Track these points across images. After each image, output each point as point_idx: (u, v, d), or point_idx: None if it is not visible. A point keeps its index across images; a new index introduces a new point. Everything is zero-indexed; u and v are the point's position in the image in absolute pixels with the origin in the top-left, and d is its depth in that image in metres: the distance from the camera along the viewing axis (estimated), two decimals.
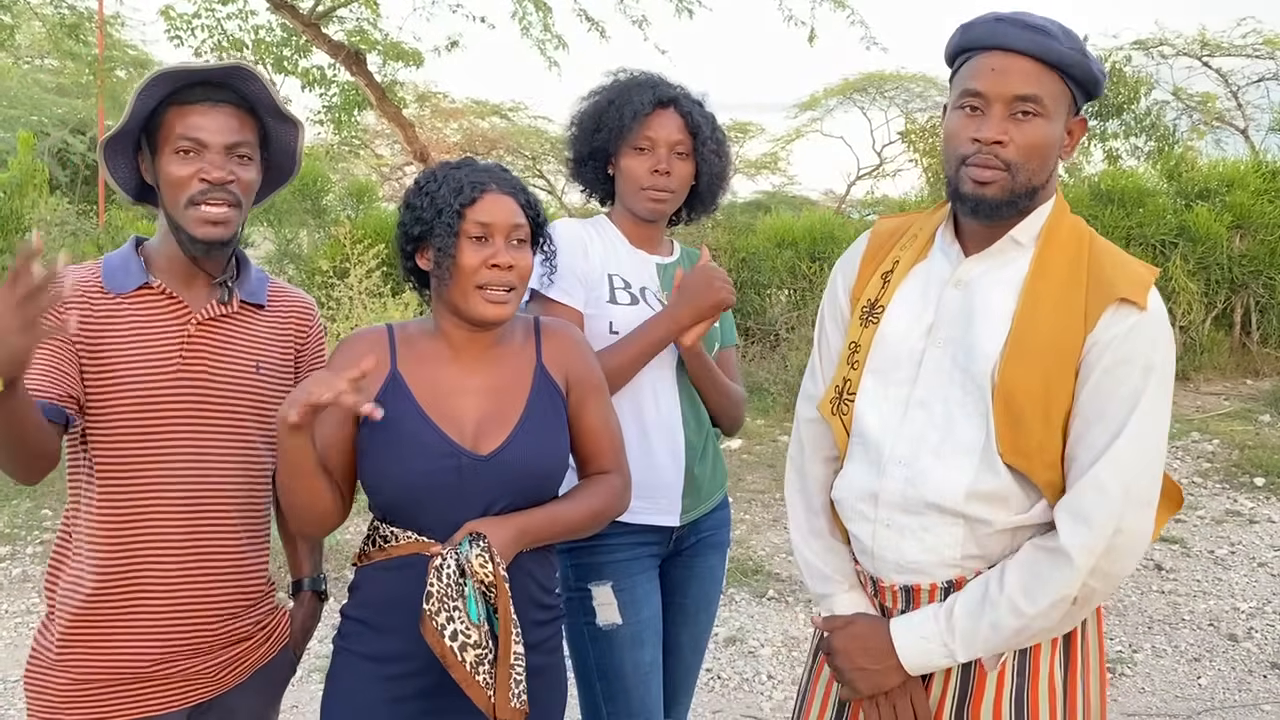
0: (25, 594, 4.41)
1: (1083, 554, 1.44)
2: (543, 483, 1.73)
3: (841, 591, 1.71)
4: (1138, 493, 1.45)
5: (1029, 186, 1.51)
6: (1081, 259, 1.52)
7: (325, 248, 8.46)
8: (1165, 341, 1.49)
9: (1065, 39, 1.49)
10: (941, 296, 1.59)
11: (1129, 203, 9.01)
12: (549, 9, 8.13)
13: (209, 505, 1.68)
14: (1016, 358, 1.49)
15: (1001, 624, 1.48)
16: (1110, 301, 1.47)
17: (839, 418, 1.67)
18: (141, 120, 1.66)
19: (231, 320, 1.73)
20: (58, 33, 9.73)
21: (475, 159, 1.77)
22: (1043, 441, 1.48)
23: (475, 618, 1.56)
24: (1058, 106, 1.50)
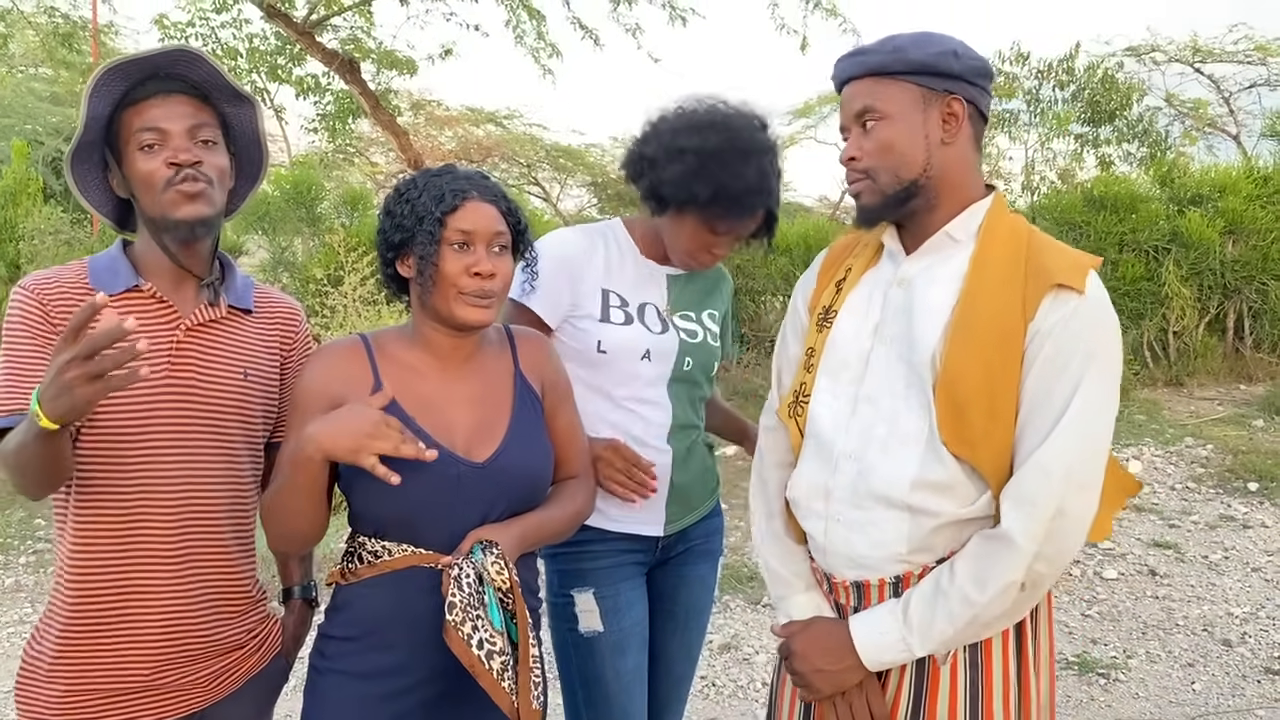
0: (18, 604, 4.39)
1: (1025, 538, 1.47)
2: (536, 487, 1.75)
3: (797, 593, 1.76)
4: (1079, 476, 1.48)
5: (899, 183, 1.59)
6: (1020, 252, 1.56)
7: (320, 256, 8.45)
8: (1107, 326, 1.52)
9: (885, 49, 1.58)
10: (886, 296, 1.65)
11: (1121, 209, 9.03)
12: (543, 17, 8.14)
13: (196, 512, 1.66)
14: (957, 347, 1.53)
15: (955, 614, 1.52)
16: (1048, 288, 1.50)
17: (794, 420, 1.73)
18: (101, 129, 1.65)
19: (220, 325, 1.72)
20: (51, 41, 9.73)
21: (456, 166, 1.76)
22: (988, 431, 1.51)
23: (498, 624, 1.57)
24: (903, 106, 1.57)
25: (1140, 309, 8.73)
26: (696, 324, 2.17)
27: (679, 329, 2.13)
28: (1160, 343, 8.87)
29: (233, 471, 1.72)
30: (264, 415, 1.78)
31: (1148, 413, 7.59)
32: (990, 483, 1.53)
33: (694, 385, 2.18)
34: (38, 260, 8.59)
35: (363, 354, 1.71)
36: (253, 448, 1.77)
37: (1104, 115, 11.38)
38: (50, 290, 1.61)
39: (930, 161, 1.58)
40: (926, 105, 1.57)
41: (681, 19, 7.57)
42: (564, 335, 2.09)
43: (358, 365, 1.69)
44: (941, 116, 1.58)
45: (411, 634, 1.64)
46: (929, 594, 1.55)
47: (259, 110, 1.78)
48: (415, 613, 1.63)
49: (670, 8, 7.54)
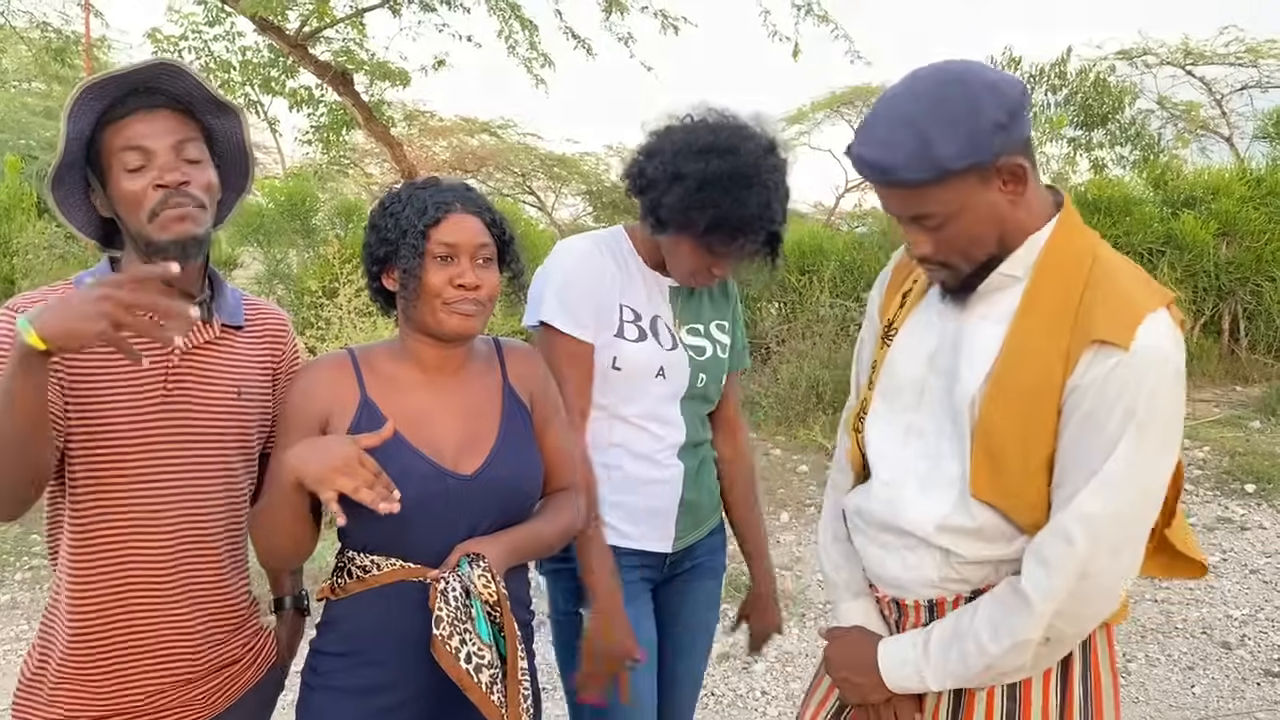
0: (14, 621, 4.38)
1: (1041, 598, 1.41)
2: (525, 500, 1.74)
3: (847, 599, 1.74)
4: (1110, 539, 1.40)
5: (979, 261, 1.46)
6: (1075, 293, 1.42)
7: (315, 268, 8.45)
8: (1155, 382, 1.38)
9: (915, 157, 1.34)
10: (943, 325, 1.56)
11: (1115, 211, 9.04)
12: (535, 28, 8.15)
13: (193, 533, 1.65)
14: (996, 396, 1.45)
15: (969, 659, 1.49)
16: (1087, 344, 1.38)
17: (855, 435, 1.69)
18: (82, 149, 1.59)
19: (213, 346, 1.70)
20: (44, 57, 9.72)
21: (440, 178, 1.76)
22: (1022, 483, 1.45)
23: (486, 638, 1.56)
24: (961, 199, 1.38)
25: None
26: (704, 338, 2.13)
27: (687, 346, 2.09)
28: None
29: (229, 489, 1.71)
30: (260, 429, 1.77)
31: None
32: (1026, 530, 1.48)
33: (706, 401, 2.16)
34: (32, 275, 8.57)
35: (349, 368, 1.71)
36: (249, 462, 1.76)
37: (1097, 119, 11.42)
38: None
39: (1005, 228, 1.44)
40: (985, 183, 1.39)
41: (673, 27, 7.58)
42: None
43: (344, 380, 1.69)
44: (1003, 182, 1.40)
45: (401, 649, 1.64)
46: (950, 632, 1.53)
47: (243, 119, 1.74)
48: (405, 628, 1.63)
49: (662, 16, 7.55)
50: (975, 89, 1.33)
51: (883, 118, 1.37)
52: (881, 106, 1.39)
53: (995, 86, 1.34)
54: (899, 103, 1.37)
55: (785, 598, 4.58)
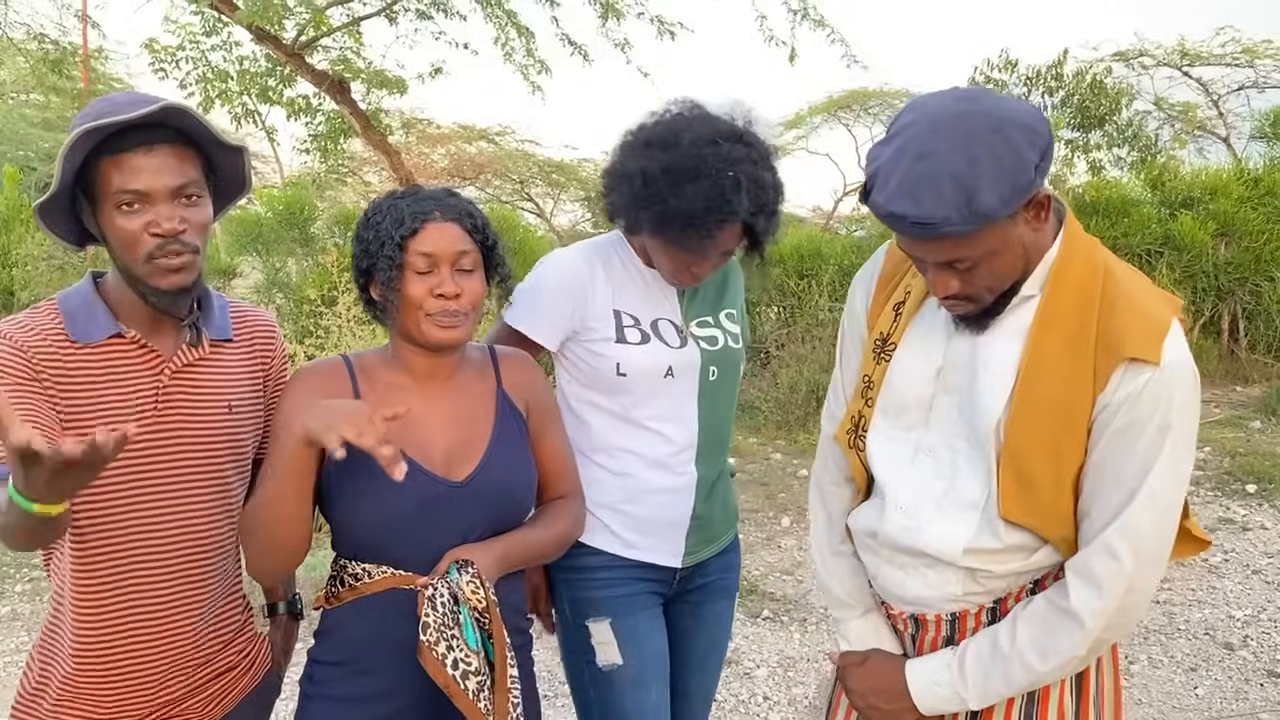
0: (14, 633, 4.37)
1: (1095, 618, 1.42)
2: (517, 506, 1.74)
3: (855, 617, 1.72)
4: (1150, 552, 1.41)
5: (1001, 292, 1.44)
6: (1092, 305, 1.41)
7: (313, 276, 8.45)
8: (1183, 393, 1.38)
9: (958, 208, 1.29)
10: (950, 340, 1.53)
11: (1114, 213, 9.05)
12: (531, 35, 8.14)
13: (190, 548, 1.65)
14: (1023, 417, 1.43)
15: (1014, 677, 1.49)
16: (1119, 362, 1.38)
17: (854, 452, 1.65)
18: (73, 175, 1.52)
19: (203, 363, 1.68)
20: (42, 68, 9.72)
21: (422, 186, 1.74)
22: (1055, 500, 1.44)
23: (473, 644, 1.55)
24: (996, 241, 1.35)
25: None
26: (716, 328, 2.07)
27: (698, 338, 2.03)
28: None
29: (225, 501, 1.71)
30: (254, 438, 1.77)
31: None
32: (1055, 544, 1.48)
33: (723, 397, 2.09)
34: (31, 286, 8.59)
35: (344, 374, 1.71)
36: (243, 473, 1.75)
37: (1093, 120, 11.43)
38: (31, 339, 1.53)
39: (1029, 256, 1.42)
40: (1015, 221, 1.36)
41: (670, 33, 7.58)
42: (578, 359, 2.02)
43: (339, 385, 1.69)
44: (1029, 216, 1.38)
45: (395, 657, 1.63)
46: (987, 652, 1.51)
47: (247, 156, 1.70)
48: (397, 636, 1.62)
49: (659, 23, 7.55)
50: (1012, 136, 1.30)
51: (916, 171, 1.31)
52: (908, 155, 1.32)
53: (1029, 129, 1.32)
54: (931, 152, 1.31)
55: (786, 603, 4.58)
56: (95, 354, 1.57)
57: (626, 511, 2.01)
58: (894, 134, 1.37)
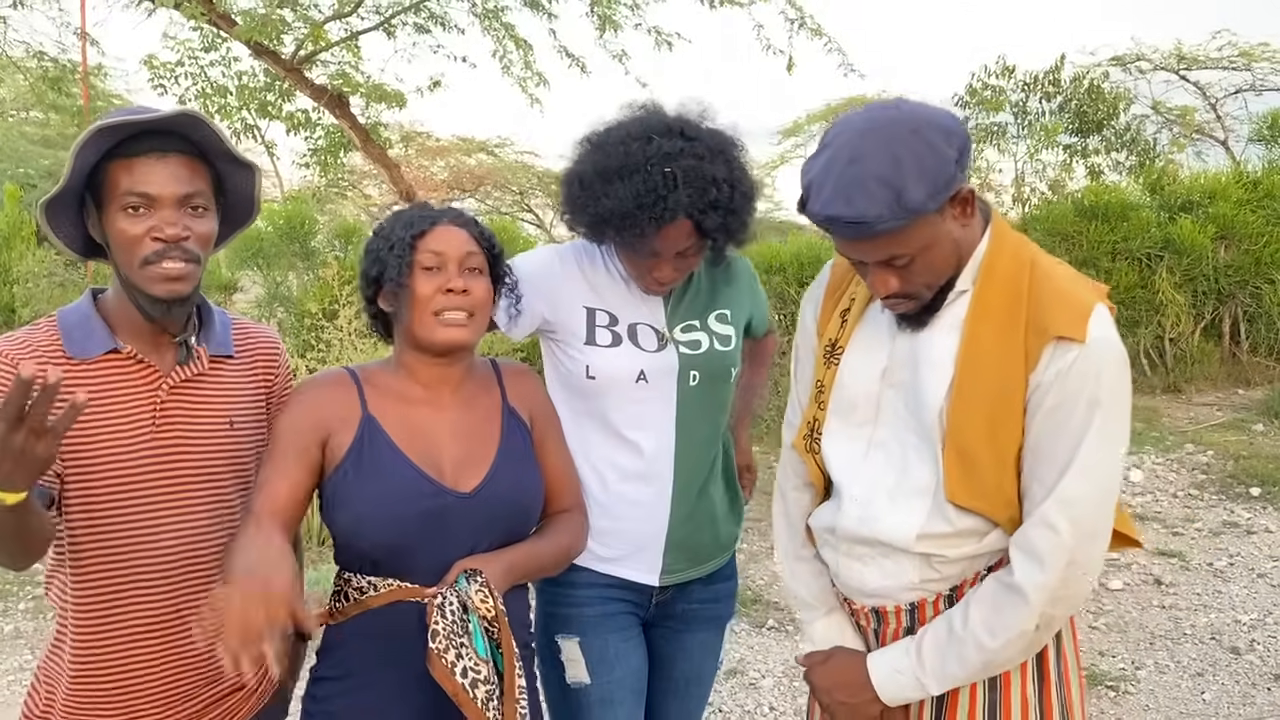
0: (18, 650, 4.36)
1: (1038, 591, 1.48)
2: (525, 518, 1.74)
3: (819, 617, 1.77)
4: (1089, 525, 1.48)
5: (937, 287, 1.52)
6: (1021, 294, 1.50)
7: (314, 290, 8.45)
8: (1111, 370, 1.47)
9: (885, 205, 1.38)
10: (894, 340, 1.62)
11: (1113, 217, 9.05)
12: (529, 47, 8.17)
13: (189, 567, 1.64)
14: (963, 404, 1.51)
15: (967, 658, 1.54)
16: (1047, 341, 1.46)
17: (810, 455, 1.72)
18: (84, 177, 1.55)
19: (203, 378, 1.67)
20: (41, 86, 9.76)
21: (430, 204, 1.79)
22: (998, 482, 1.51)
23: (483, 653, 1.55)
24: (928, 235, 1.44)
25: (1135, 317, 8.73)
26: (701, 332, 1.99)
27: (679, 343, 1.96)
28: (1157, 350, 8.87)
29: (227, 518, 1.70)
30: (255, 455, 1.75)
31: (1147, 420, 7.58)
32: (1003, 527, 1.54)
33: (707, 404, 1.99)
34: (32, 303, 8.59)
35: (351, 385, 1.71)
36: (245, 490, 1.74)
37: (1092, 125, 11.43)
38: (25, 355, 1.54)
39: (960, 251, 1.52)
40: (943, 217, 1.46)
41: (667, 44, 7.60)
42: (555, 362, 2.00)
43: (345, 396, 1.69)
44: (956, 212, 1.48)
45: (400, 672, 1.63)
46: (942, 636, 1.57)
47: (258, 175, 1.70)
48: (402, 651, 1.62)
49: (656, 33, 7.57)
50: (929, 136, 1.41)
51: (847, 175, 1.41)
52: (839, 162, 1.43)
53: (945, 129, 1.43)
54: (858, 157, 1.41)
55: (791, 613, 4.57)
56: (92, 370, 1.57)
57: (600, 524, 1.95)
58: (823, 147, 1.48)
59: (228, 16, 7.61)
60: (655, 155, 1.77)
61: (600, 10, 7.15)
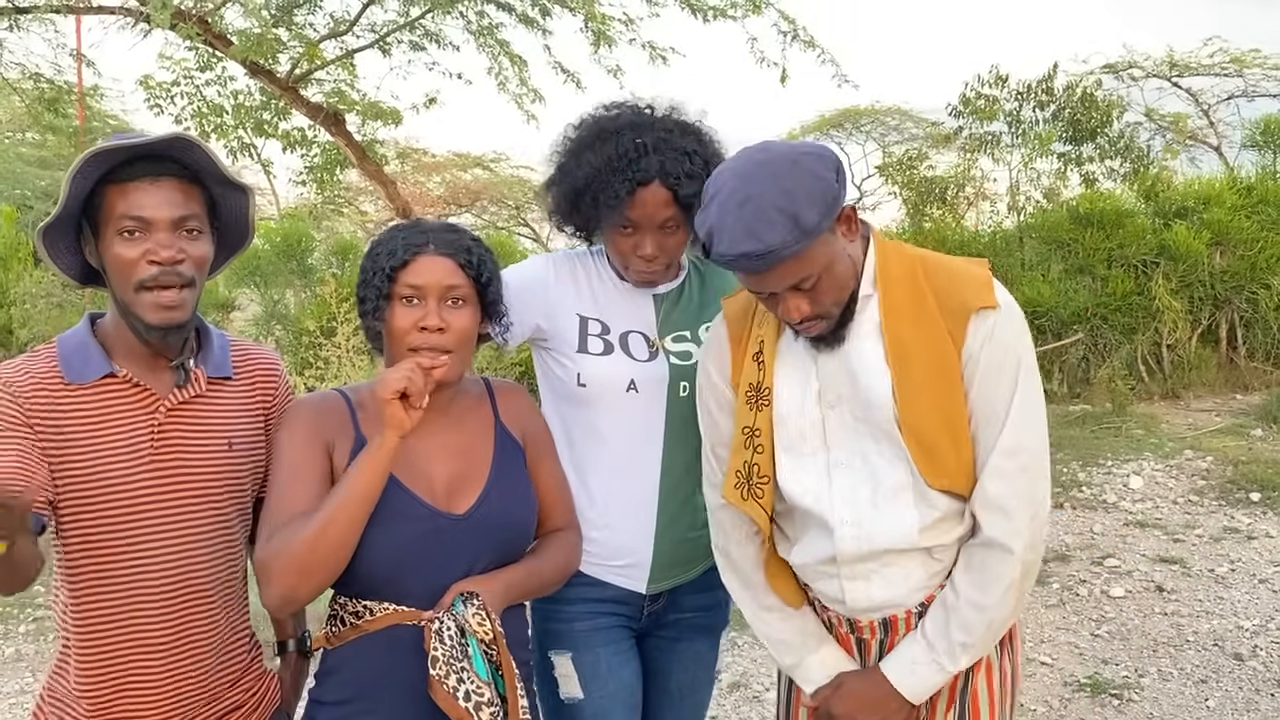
0: (19, 674, 4.35)
1: (1013, 538, 1.59)
2: (519, 538, 1.73)
3: (809, 653, 1.77)
4: (1035, 465, 1.60)
5: (843, 304, 1.61)
6: (920, 285, 1.63)
7: (312, 308, 8.46)
8: (1019, 325, 1.62)
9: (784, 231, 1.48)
10: (817, 362, 1.67)
11: (1108, 224, 9.09)
12: (524, 63, 8.18)
13: (188, 589, 1.64)
14: (907, 397, 1.60)
15: (970, 622, 1.61)
16: (969, 315, 1.59)
17: (753, 501, 1.71)
18: (80, 203, 1.57)
19: (201, 400, 1.67)
20: (37, 107, 9.75)
21: (425, 220, 1.75)
22: (960, 460, 1.61)
23: (484, 676, 1.55)
24: (827, 254, 1.55)
25: (1132, 323, 8.75)
26: (692, 342, 2.00)
27: (670, 353, 1.97)
28: (1154, 356, 8.88)
29: (225, 540, 1.70)
30: (253, 478, 1.76)
31: (1146, 427, 7.58)
32: (968, 497, 1.64)
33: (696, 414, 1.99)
34: (30, 324, 8.59)
35: (343, 406, 1.71)
36: (243, 511, 1.75)
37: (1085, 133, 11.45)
38: (24, 384, 1.55)
39: (855, 265, 1.62)
40: (834, 233, 1.57)
41: (662, 58, 7.61)
42: (547, 370, 2.02)
43: (338, 417, 1.69)
44: (845, 229, 1.60)
45: (399, 696, 1.63)
46: (940, 614, 1.65)
47: (252, 198, 1.71)
48: (400, 674, 1.61)
49: (650, 49, 7.59)
50: (807, 163, 1.52)
51: (745, 213, 1.50)
52: (732, 204, 1.52)
53: (818, 155, 1.55)
54: (751, 196, 1.51)
55: None
56: (89, 394, 1.58)
57: (589, 533, 1.96)
58: (711, 197, 1.57)
59: (223, 36, 7.63)
60: (625, 125, 1.88)
61: (594, 26, 7.16)
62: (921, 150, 12.67)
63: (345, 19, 8.22)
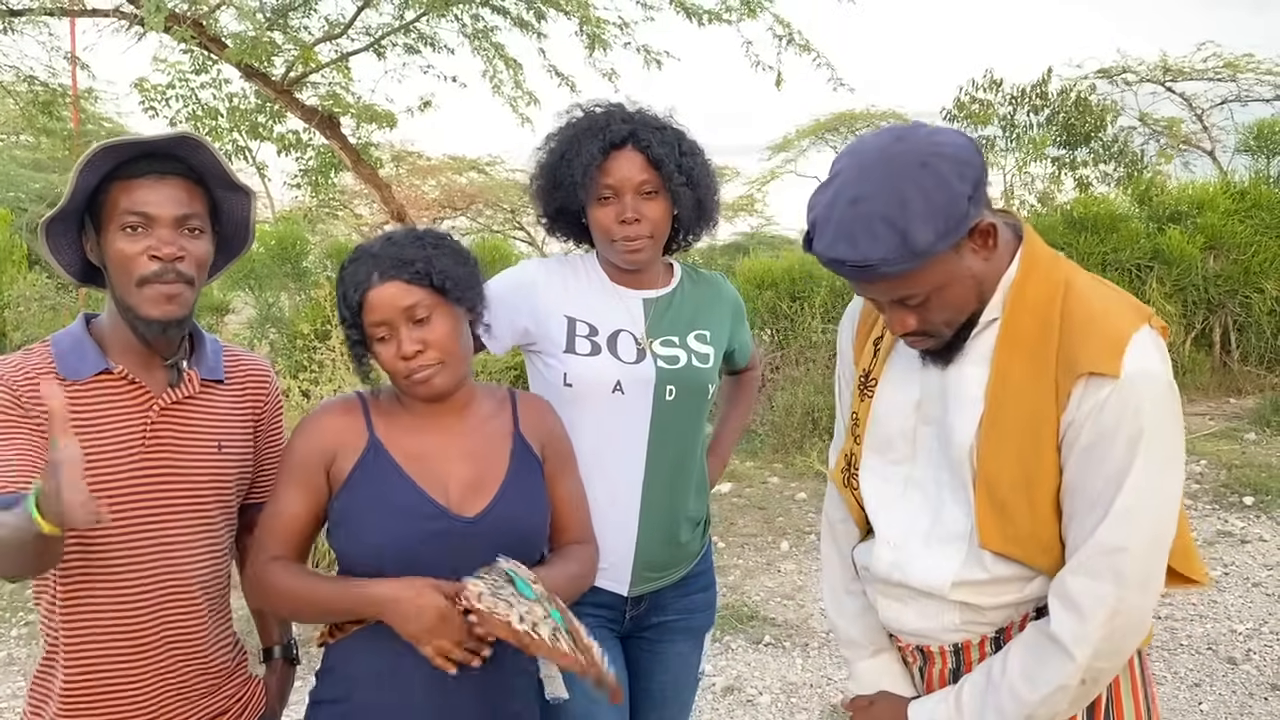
0: (10, 678, 4.33)
1: (1077, 644, 1.38)
2: (529, 545, 1.73)
3: (864, 658, 1.70)
4: (1133, 575, 1.36)
5: (960, 324, 1.45)
6: (1053, 322, 1.40)
7: (306, 311, 8.45)
8: (1153, 404, 1.35)
9: (893, 248, 1.31)
10: (925, 372, 1.53)
11: (1102, 229, 9.10)
12: (519, 66, 8.19)
13: (172, 587, 1.64)
14: (992, 443, 1.42)
15: (1005, 709, 1.44)
16: (1077, 378, 1.36)
17: (850, 491, 1.65)
18: (85, 198, 1.59)
19: (193, 401, 1.69)
20: (32, 110, 9.74)
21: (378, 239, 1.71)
22: (1034, 528, 1.42)
23: (532, 596, 1.52)
24: (941, 275, 1.37)
25: None
26: (680, 348, 2.02)
27: (658, 356, 1.99)
28: None
29: (209, 542, 1.70)
30: (239, 483, 1.77)
31: None
32: (1044, 571, 1.45)
33: (682, 419, 2.02)
34: (23, 327, 8.56)
35: (359, 409, 1.73)
36: (228, 515, 1.76)
37: (1079, 137, 11.50)
38: (18, 376, 1.57)
39: (983, 288, 1.43)
40: (960, 253, 1.37)
41: (656, 62, 7.61)
42: (536, 373, 2.04)
43: (352, 421, 1.71)
44: (976, 246, 1.39)
45: (401, 692, 1.64)
46: (981, 685, 1.49)
47: (253, 200, 1.74)
48: (404, 670, 1.62)
49: (645, 52, 7.59)
50: (940, 170, 1.31)
51: (850, 215, 1.33)
52: (842, 200, 1.35)
53: (958, 161, 1.33)
54: (862, 196, 1.33)
55: (788, 628, 4.56)
56: (83, 390, 1.59)
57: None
58: (830, 179, 1.39)
59: (218, 39, 7.62)
60: (593, 104, 2.01)
61: (589, 30, 7.17)
62: None
63: (340, 22, 8.22)
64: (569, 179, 1.95)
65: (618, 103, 2.02)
